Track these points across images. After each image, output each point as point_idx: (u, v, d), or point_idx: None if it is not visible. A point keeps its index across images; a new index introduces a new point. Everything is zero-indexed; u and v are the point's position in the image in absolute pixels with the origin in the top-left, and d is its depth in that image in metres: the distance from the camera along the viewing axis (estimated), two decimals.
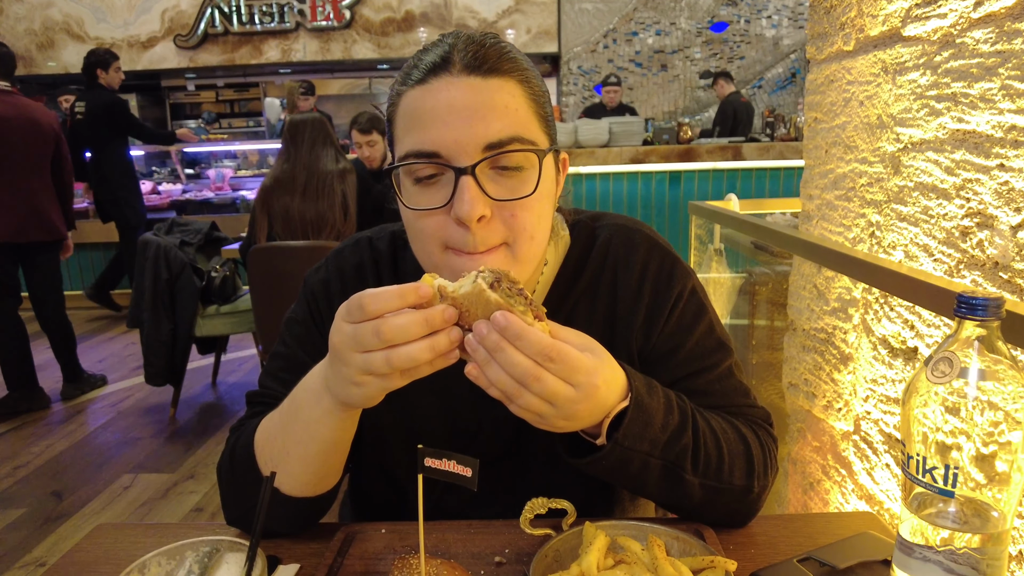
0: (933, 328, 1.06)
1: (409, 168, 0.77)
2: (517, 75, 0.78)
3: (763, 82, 8.15)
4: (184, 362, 3.71)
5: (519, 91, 0.78)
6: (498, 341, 0.63)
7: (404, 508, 0.99)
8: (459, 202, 0.74)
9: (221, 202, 6.24)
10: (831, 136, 1.41)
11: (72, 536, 2.64)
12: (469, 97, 0.74)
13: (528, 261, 0.80)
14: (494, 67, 0.76)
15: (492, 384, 0.65)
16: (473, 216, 0.73)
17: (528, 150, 0.76)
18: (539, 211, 0.79)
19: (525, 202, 0.77)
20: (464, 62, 0.76)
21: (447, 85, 0.75)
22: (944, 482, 0.60)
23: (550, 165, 0.82)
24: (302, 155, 3.17)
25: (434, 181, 0.77)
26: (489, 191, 0.75)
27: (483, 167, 0.75)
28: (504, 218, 0.77)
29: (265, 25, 8.03)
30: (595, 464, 0.75)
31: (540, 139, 0.79)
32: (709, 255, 2.41)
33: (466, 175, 0.73)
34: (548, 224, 0.83)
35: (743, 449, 0.85)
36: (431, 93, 0.76)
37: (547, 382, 0.64)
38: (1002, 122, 0.91)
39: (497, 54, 0.77)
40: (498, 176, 0.76)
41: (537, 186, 0.77)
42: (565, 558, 0.74)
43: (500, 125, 0.75)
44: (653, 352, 0.91)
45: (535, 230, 0.79)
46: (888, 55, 1.18)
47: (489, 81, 0.76)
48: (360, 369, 0.66)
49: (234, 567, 0.64)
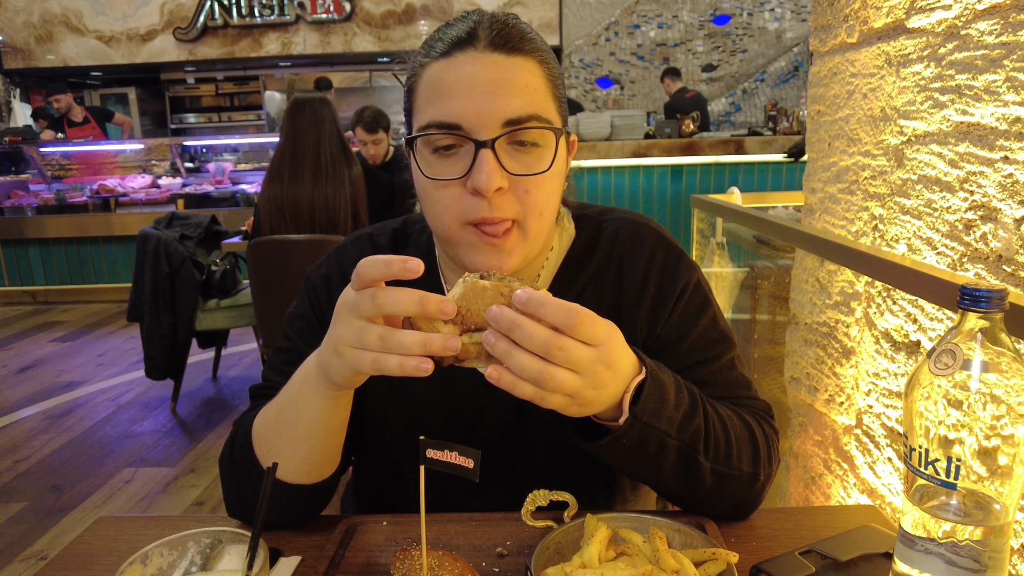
0: (936, 322, 1.05)
1: (428, 138, 0.79)
2: (537, 56, 0.81)
3: (766, 76, 8.13)
4: (184, 356, 3.71)
5: (539, 71, 0.80)
6: (513, 318, 0.63)
7: (407, 499, 1.00)
8: (477, 173, 0.76)
9: (221, 196, 6.24)
10: (834, 129, 1.40)
11: (73, 530, 2.65)
12: (492, 73, 0.77)
13: (536, 237, 0.83)
14: (517, 46, 0.79)
15: (519, 374, 0.64)
16: (491, 187, 0.76)
17: (546, 128, 0.79)
18: (550, 189, 0.82)
19: (539, 179, 0.79)
20: (489, 39, 0.79)
21: (472, 60, 0.78)
22: (946, 474, 0.60)
23: (562, 145, 0.84)
24: (306, 136, 2.90)
25: (452, 152, 0.79)
26: (506, 165, 0.78)
27: (502, 142, 0.77)
28: (518, 193, 0.79)
29: (265, 18, 8.00)
30: (614, 444, 0.75)
31: (555, 119, 0.82)
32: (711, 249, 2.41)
33: (486, 148, 0.76)
34: (556, 202, 0.85)
35: (748, 436, 0.85)
36: (455, 67, 0.78)
37: (570, 348, 0.64)
38: (1007, 114, 0.91)
39: (520, 34, 0.80)
40: (515, 151, 0.79)
41: (552, 163, 0.80)
42: (567, 550, 0.74)
43: (520, 102, 0.77)
44: (657, 342, 0.92)
45: (544, 207, 0.81)
46: (892, 47, 1.18)
47: (512, 59, 0.78)
48: (355, 336, 0.67)
49: (236, 558, 0.64)
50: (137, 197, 6.30)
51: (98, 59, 8.24)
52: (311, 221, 2.95)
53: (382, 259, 0.66)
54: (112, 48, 8.22)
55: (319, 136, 2.93)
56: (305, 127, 2.93)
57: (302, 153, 2.92)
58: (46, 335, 4.11)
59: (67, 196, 6.23)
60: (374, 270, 0.66)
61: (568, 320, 0.63)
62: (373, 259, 0.66)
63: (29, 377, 4.44)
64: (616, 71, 8.28)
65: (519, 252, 0.82)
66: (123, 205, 6.23)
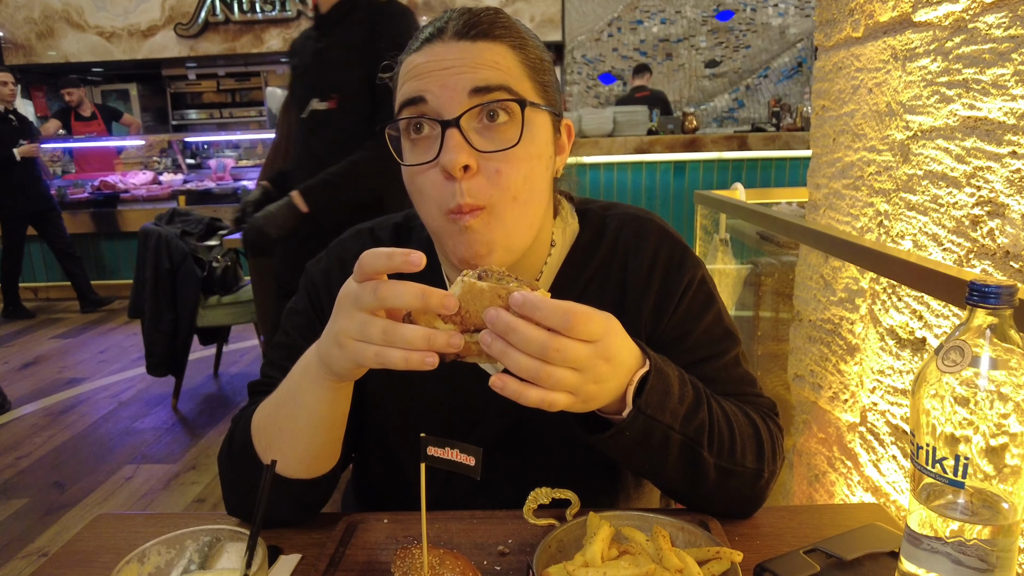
0: (941, 318, 1.04)
1: (405, 126, 0.80)
2: (508, 41, 0.80)
3: (769, 71, 8.09)
4: (186, 353, 3.71)
5: (510, 54, 0.80)
6: (509, 321, 0.63)
7: (408, 496, 0.99)
8: (444, 151, 0.76)
9: (222, 192, 6.23)
10: (839, 124, 1.39)
11: (74, 527, 2.65)
12: (457, 53, 0.78)
13: (513, 224, 0.80)
14: (484, 32, 0.79)
15: (516, 373, 0.64)
16: (457, 164, 0.75)
17: (513, 100, 0.78)
18: (525, 170, 0.79)
19: (509, 156, 0.78)
20: (455, 29, 0.80)
21: (438, 49, 0.79)
22: (954, 473, 0.59)
23: (544, 125, 0.82)
24: None
25: (424, 136, 0.79)
26: (475, 143, 0.77)
27: (470, 118, 0.77)
28: (489, 174, 0.77)
29: (266, 14, 7.98)
30: (617, 437, 0.74)
31: (533, 97, 0.81)
32: (715, 245, 2.40)
33: (451, 127, 0.76)
34: (539, 188, 0.82)
35: (753, 432, 0.84)
36: (422, 56, 0.80)
37: (567, 348, 0.64)
38: (1015, 108, 0.90)
39: (490, 22, 0.80)
40: (485, 129, 0.78)
41: (520, 139, 0.78)
42: (569, 548, 0.73)
43: (487, 74, 0.77)
44: (662, 338, 0.91)
45: (519, 190, 0.79)
46: (898, 41, 1.16)
47: (478, 43, 0.79)
48: (357, 329, 0.67)
49: (235, 556, 0.63)
50: (138, 193, 6.31)
51: (99, 55, 8.22)
52: None
53: (384, 252, 0.66)
54: (113, 44, 8.21)
55: None
56: None
57: None
58: (47, 331, 4.11)
59: (68, 193, 6.23)
60: (376, 262, 0.66)
61: (565, 322, 0.63)
62: (375, 251, 0.66)
63: (30, 373, 4.44)
64: (619, 67, 8.25)
65: (498, 242, 0.79)
66: (124, 201, 6.23)
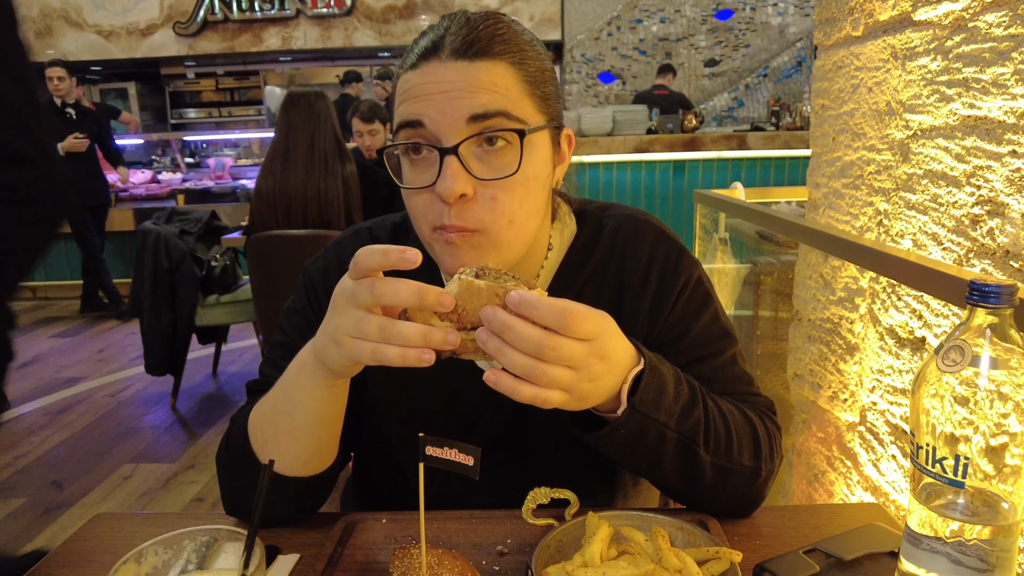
0: (941, 318, 1.04)
1: (404, 146, 0.79)
2: (508, 57, 0.79)
3: (769, 71, 8.09)
4: (184, 352, 3.71)
5: (509, 72, 0.78)
6: (505, 319, 0.63)
7: (406, 496, 0.99)
8: (441, 179, 0.75)
9: (221, 191, 6.23)
10: (838, 123, 1.39)
11: (72, 526, 2.64)
12: (454, 75, 0.76)
13: (507, 244, 0.80)
14: (483, 50, 0.77)
15: (511, 371, 0.64)
16: (454, 194, 0.74)
17: (512, 129, 0.77)
18: (522, 194, 0.79)
19: (507, 184, 0.77)
20: (453, 47, 0.77)
21: (436, 69, 0.77)
22: (954, 473, 0.59)
23: (544, 145, 0.82)
24: (300, 130, 2.89)
25: (422, 158, 0.79)
26: (474, 169, 0.76)
27: (470, 145, 0.76)
28: (484, 200, 0.77)
29: (265, 12, 7.96)
30: (612, 435, 0.74)
31: (533, 118, 0.80)
32: (714, 244, 2.39)
33: (450, 155, 0.75)
34: (534, 206, 0.82)
35: (750, 431, 0.84)
36: (420, 75, 0.78)
37: (562, 347, 0.64)
38: (1015, 108, 0.90)
39: (489, 36, 0.78)
40: (485, 154, 0.77)
41: (519, 167, 0.77)
42: (568, 548, 0.73)
43: (486, 99, 0.76)
44: (658, 338, 0.91)
45: (516, 214, 0.79)
46: (898, 40, 1.16)
47: (476, 63, 0.77)
48: (353, 326, 0.67)
49: (232, 556, 0.63)
50: (137, 192, 6.30)
51: (97, 53, 8.21)
52: (303, 216, 2.93)
53: (380, 249, 0.65)
54: (112, 43, 8.19)
55: (314, 130, 2.91)
56: (300, 121, 2.91)
57: (296, 147, 2.90)
58: (46, 331, 4.10)
59: None
60: (372, 259, 0.66)
61: (560, 320, 0.63)
62: (371, 248, 0.66)
63: (29, 373, 4.44)
64: (618, 66, 8.24)
65: (489, 258, 0.80)
66: (123, 200, 6.22)
